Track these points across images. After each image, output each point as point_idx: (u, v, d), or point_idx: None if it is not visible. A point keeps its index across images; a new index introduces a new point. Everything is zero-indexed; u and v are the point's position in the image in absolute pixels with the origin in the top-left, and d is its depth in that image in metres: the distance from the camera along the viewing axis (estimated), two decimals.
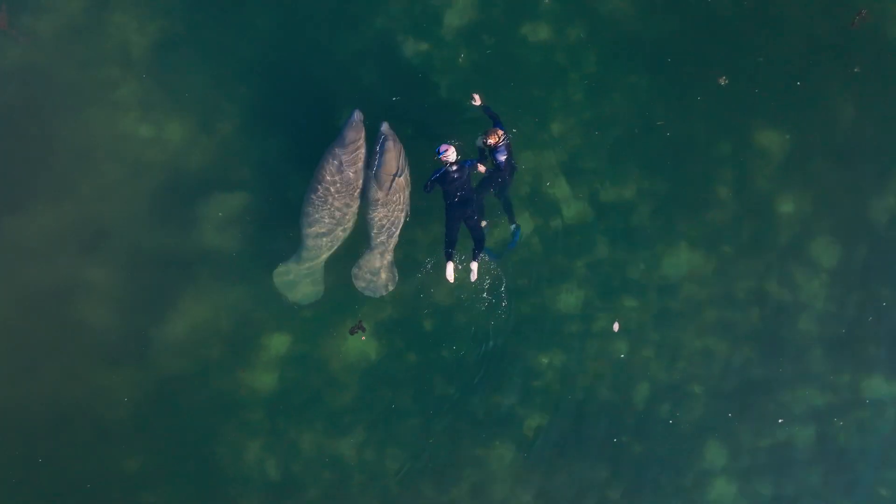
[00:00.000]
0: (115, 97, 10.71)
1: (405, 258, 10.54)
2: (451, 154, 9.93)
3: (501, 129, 10.08)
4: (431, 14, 10.91)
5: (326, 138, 10.43)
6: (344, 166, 10.03)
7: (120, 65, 10.76)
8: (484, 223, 10.41)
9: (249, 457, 10.44)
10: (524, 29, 10.92)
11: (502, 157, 10.17)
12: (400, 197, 10.20)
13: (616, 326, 10.54)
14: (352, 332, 10.52)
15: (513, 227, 10.64)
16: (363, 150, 10.20)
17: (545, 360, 10.59)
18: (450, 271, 10.18)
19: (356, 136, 10.14)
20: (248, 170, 10.67)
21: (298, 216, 10.22)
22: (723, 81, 10.68)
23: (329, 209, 10.12)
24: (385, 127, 10.11)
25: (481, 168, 10.18)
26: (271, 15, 10.89)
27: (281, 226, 10.56)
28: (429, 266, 10.53)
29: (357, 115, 10.12)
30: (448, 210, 10.11)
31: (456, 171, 9.96)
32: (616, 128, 10.81)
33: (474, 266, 10.25)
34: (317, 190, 10.10)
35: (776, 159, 10.73)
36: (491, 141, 10.07)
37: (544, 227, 10.71)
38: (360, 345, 10.56)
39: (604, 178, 10.78)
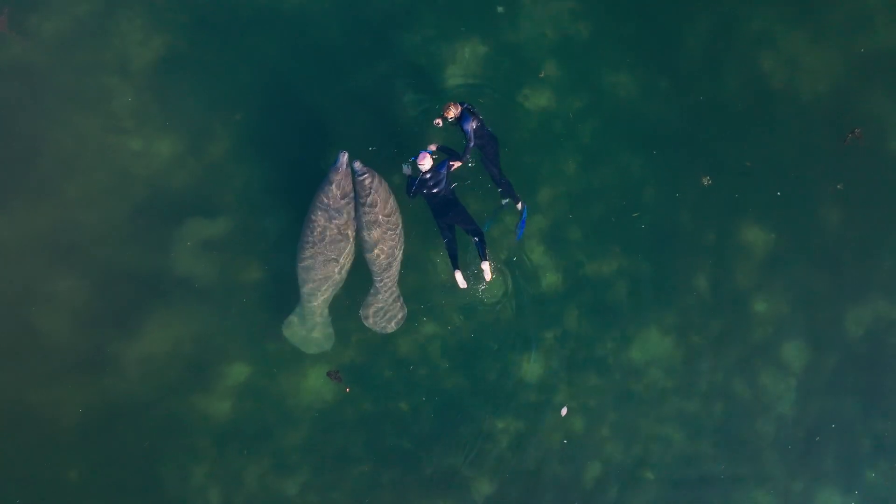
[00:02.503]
0: (109, 106, 10.69)
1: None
2: (426, 162, 9.88)
3: (459, 103, 9.91)
4: (435, 65, 10.88)
5: (313, 174, 10.40)
6: (332, 211, 9.93)
7: (118, 75, 10.75)
8: (519, 204, 10.42)
9: (193, 482, 10.37)
10: (525, 91, 10.89)
11: (470, 126, 9.92)
12: (394, 233, 10.10)
13: (564, 411, 10.46)
14: (330, 377, 10.48)
15: (519, 205, 10.49)
16: (351, 194, 10.12)
17: (501, 426, 10.51)
18: (459, 279, 10.16)
19: (343, 180, 10.04)
20: (230, 197, 10.63)
21: (294, 264, 10.13)
22: (706, 182, 10.64)
23: (324, 256, 10.00)
24: (358, 165, 9.83)
25: (457, 164, 10.09)
26: (277, 45, 10.88)
27: (257, 257, 10.53)
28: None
29: (343, 159, 9.89)
30: (436, 216, 10.08)
31: (431, 177, 9.93)
32: (603, 203, 10.76)
33: (485, 266, 10.14)
34: (310, 237, 9.97)
35: (758, 257, 10.66)
36: (450, 114, 9.92)
37: (516, 293, 10.64)
38: (318, 385, 10.49)
39: (584, 251, 10.72)
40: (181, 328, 10.42)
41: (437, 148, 10.24)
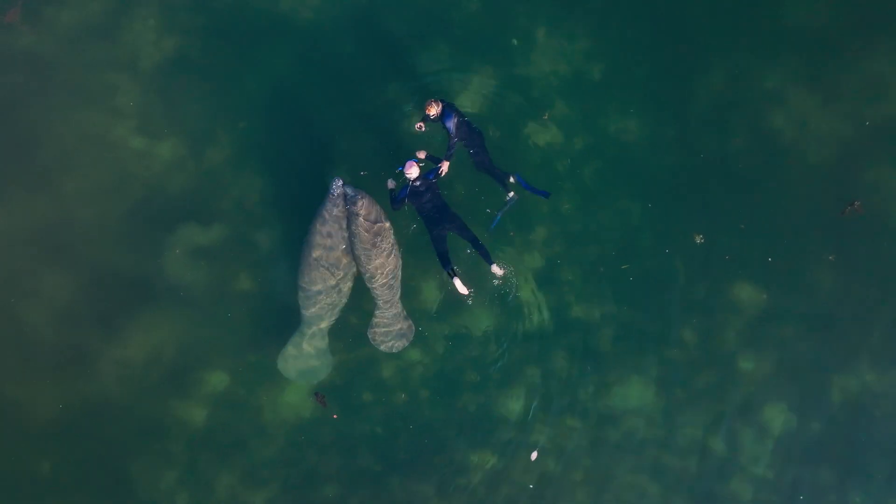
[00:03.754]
0: (115, 103, 10.71)
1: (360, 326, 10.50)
2: (413, 171, 9.87)
3: (438, 100, 9.91)
4: (445, 93, 10.83)
5: (311, 190, 10.41)
6: (330, 236, 9.91)
7: (127, 72, 10.77)
8: (511, 194, 10.38)
9: (163, 486, 10.37)
10: (531, 127, 10.84)
11: (452, 122, 9.93)
12: (391, 255, 10.06)
13: (534, 455, 10.41)
14: (316, 398, 10.46)
15: (510, 192, 10.44)
16: (344, 220, 10.09)
17: (475, 459, 10.46)
18: (459, 285, 10.12)
19: (339, 205, 10.01)
20: (227, 205, 10.63)
21: (287, 279, 10.21)
22: (699, 240, 10.57)
23: (323, 282, 9.98)
24: (350, 190, 9.79)
25: (444, 169, 10.06)
26: (288, 57, 10.87)
27: (247, 268, 10.52)
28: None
29: (337, 185, 9.84)
30: (428, 226, 10.05)
31: (420, 185, 9.90)
32: (597, 247, 10.70)
33: (495, 269, 10.13)
34: (309, 264, 9.96)
35: (749, 315, 10.58)
36: (431, 111, 9.91)
37: (505, 328, 10.60)
38: (296, 401, 10.48)
39: (575, 293, 10.66)
40: (165, 332, 10.42)
41: (426, 157, 10.23)
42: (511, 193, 10.50)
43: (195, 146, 10.71)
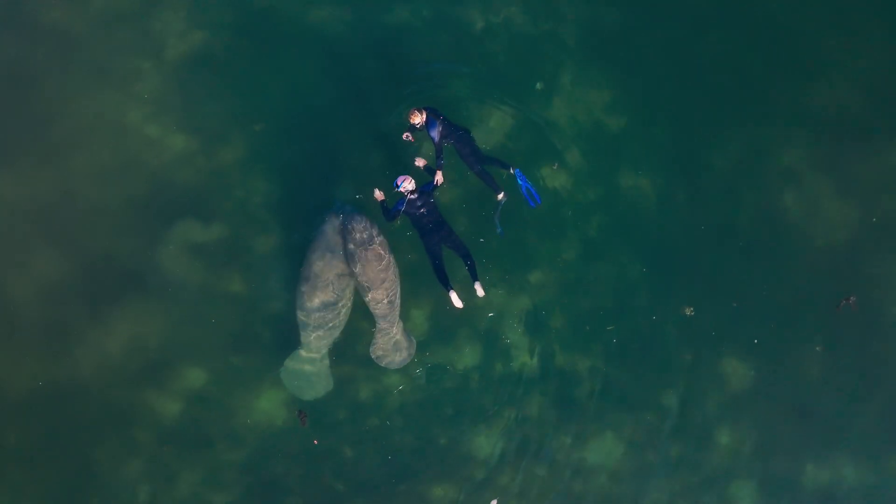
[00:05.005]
0: (135, 89, 10.75)
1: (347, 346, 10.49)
2: (409, 184, 9.89)
3: (422, 108, 9.95)
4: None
5: (316, 202, 10.48)
6: (331, 256, 9.95)
7: (151, 60, 10.81)
8: (501, 195, 10.37)
9: (126, 474, 10.34)
10: (543, 171, 10.82)
11: (437, 131, 9.97)
12: (392, 277, 10.07)
13: (493, 503, 10.38)
14: (299, 417, 10.46)
15: (500, 196, 10.42)
16: (352, 241, 10.08)
17: (438, 492, 10.42)
18: (455, 299, 10.08)
19: (341, 228, 10.02)
20: (229, 205, 10.64)
21: (293, 306, 10.16)
22: (688, 312, 10.52)
23: (322, 299, 9.98)
24: (357, 217, 9.88)
25: (439, 178, 10.08)
26: (311, 67, 10.88)
27: (240, 271, 10.53)
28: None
29: (331, 222, 9.99)
30: (424, 238, 10.04)
31: (417, 198, 9.91)
32: (591, 299, 10.66)
33: (477, 286, 10.08)
34: (309, 281, 9.97)
35: (733, 389, 10.51)
36: (415, 120, 9.93)
37: (487, 366, 10.56)
38: (270, 408, 10.45)
39: (562, 341, 10.62)
40: (149, 322, 10.43)
41: (425, 166, 10.25)
42: (501, 195, 10.48)
43: (207, 142, 10.73)
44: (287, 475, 10.40)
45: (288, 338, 10.40)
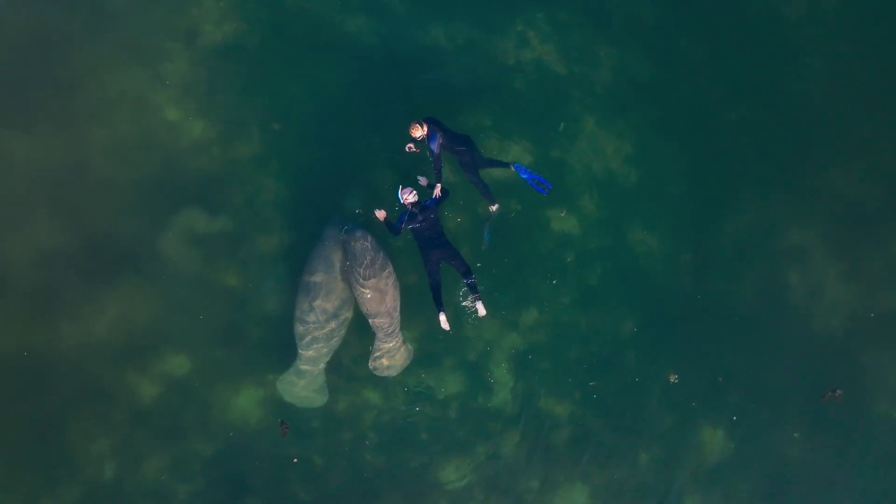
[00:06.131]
0: (162, 70, 10.75)
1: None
2: (411, 197, 9.92)
3: (423, 121, 9.97)
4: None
5: (323, 209, 10.48)
6: (334, 270, 10.00)
7: (183, 43, 10.81)
8: (495, 206, 10.45)
9: (94, 449, 10.33)
10: (550, 212, 10.79)
11: (437, 143, 9.99)
12: (393, 294, 10.08)
13: None
14: (281, 427, 10.43)
15: (493, 208, 10.53)
16: (355, 258, 10.07)
17: None
18: (443, 321, 10.07)
19: (337, 253, 10.05)
20: (237, 200, 10.63)
21: (290, 319, 10.16)
22: (673, 379, 10.48)
23: (321, 310, 10.00)
24: (360, 233, 9.91)
25: (438, 191, 10.11)
26: (340, 76, 10.87)
27: (238, 266, 10.52)
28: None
29: (332, 236, 10.02)
30: (423, 253, 10.01)
31: (420, 212, 9.92)
32: (581, 346, 10.62)
33: (479, 304, 10.06)
34: (307, 297, 9.99)
35: (710, 460, 10.46)
36: (416, 133, 9.96)
37: (467, 397, 10.53)
38: (247, 406, 10.44)
39: (546, 384, 10.58)
40: (140, 304, 10.42)
41: (427, 184, 10.25)
42: (495, 207, 10.52)
43: (225, 133, 10.73)
44: (253, 475, 10.37)
45: (275, 340, 10.41)
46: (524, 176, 10.59)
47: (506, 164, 10.55)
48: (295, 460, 10.30)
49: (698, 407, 10.46)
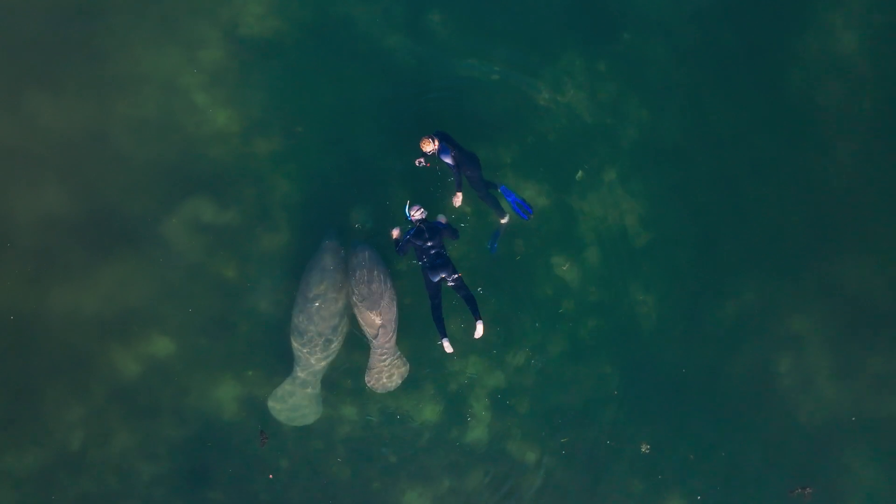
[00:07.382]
0: (197, 55, 10.81)
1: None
2: (419, 213, 9.96)
3: (434, 136, 10.02)
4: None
5: (332, 218, 10.55)
6: (335, 287, 10.04)
7: (222, 32, 10.87)
8: (505, 219, 10.57)
9: (66, 417, 10.37)
10: (554, 259, 10.78)
11: (450, 157, 10.05)
12: (392, 310, 10.12)
13: None
14: (261, 435, 10.45)
15: (503, 220, 10.64)
16: (356, 275, 10.12)
17: None
18: (447, 346, 10.11)
19: (336, 266, 10.09)
20: (249, 195, 10.67)
21: (287, 328, 10.21)
22: (644, 449, 10.44)
23: (318, 328, 10.03)
24: (365, 251, 10.03)
25: (458, 201, 10.23)
26: (371, 88, 10.88)
27: (239, 260, 10.56)
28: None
29: (331, 248, 10.08)
30: (425, 273, 10.00)
31: (426, 230, 9.93)
32: (563, 397, 10.60)
33: (479, 324, 10.07)
34: (304, 311, 10.03)
35: None
36: (427, 148, 10.00)
37: (442, 429, 10.52)
38: (224, 398, 10.47)
39: (522, 429, 10.56)
40: (134, 283, 10.48)
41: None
42: (505, 219, 10.62)
43: (248, 128, 10.77)
44: (217, 468, 10.41)
45: (262, 339, 10.47)
46: (509, 199, 10.67)
47: (494, 186, 10.60)
48: (270, 476, 10.33)
49: (665, 480, 10.42)
